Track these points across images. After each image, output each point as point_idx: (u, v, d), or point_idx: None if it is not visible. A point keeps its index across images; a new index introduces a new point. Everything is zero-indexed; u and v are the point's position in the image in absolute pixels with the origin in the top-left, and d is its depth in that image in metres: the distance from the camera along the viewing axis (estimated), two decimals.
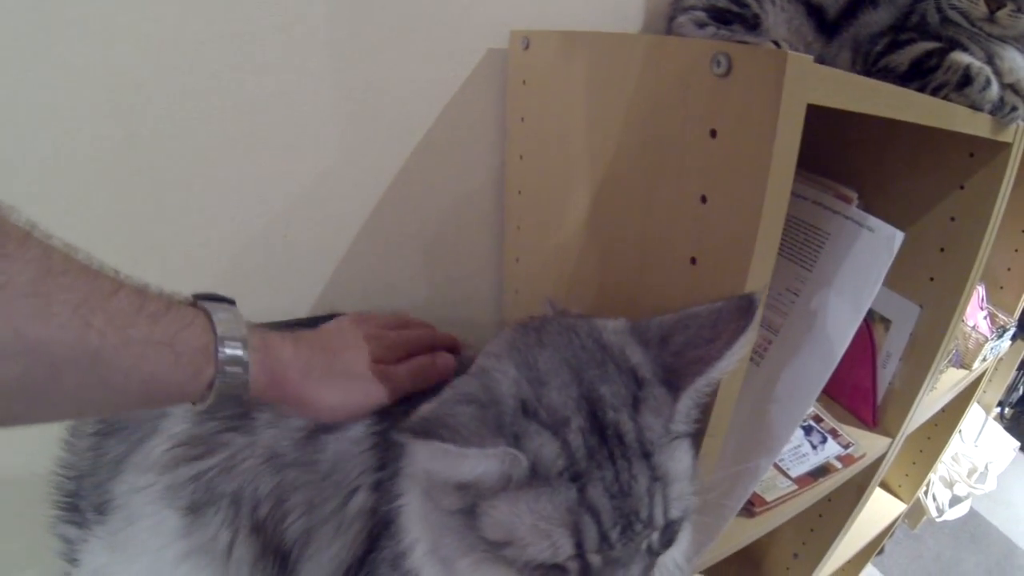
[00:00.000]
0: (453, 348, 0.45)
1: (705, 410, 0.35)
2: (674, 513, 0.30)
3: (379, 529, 0.35)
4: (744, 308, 0.31)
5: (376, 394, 0.37)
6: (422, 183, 0.58)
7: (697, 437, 0.35)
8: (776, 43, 0.47)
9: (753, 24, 0.50)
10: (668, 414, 0.30)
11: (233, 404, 0.38)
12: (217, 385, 0.29)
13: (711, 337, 0.31)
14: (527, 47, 0.52)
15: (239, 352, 0.30)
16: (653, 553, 0.30)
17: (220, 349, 0.29)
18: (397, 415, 0.38)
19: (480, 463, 0.27)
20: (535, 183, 0.57)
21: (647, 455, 0.29)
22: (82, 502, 0.40)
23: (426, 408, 0.29)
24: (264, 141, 0.49)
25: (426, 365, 0.40)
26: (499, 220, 0.64)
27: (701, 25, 0.50)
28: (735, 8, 0.51)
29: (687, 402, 0.31)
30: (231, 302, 0.32)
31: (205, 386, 0.29)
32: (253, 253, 0.53)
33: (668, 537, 0.31)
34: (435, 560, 0.32)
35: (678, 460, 0.31)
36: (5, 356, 0.23)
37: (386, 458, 0.36)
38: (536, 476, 0.28)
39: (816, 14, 0.53)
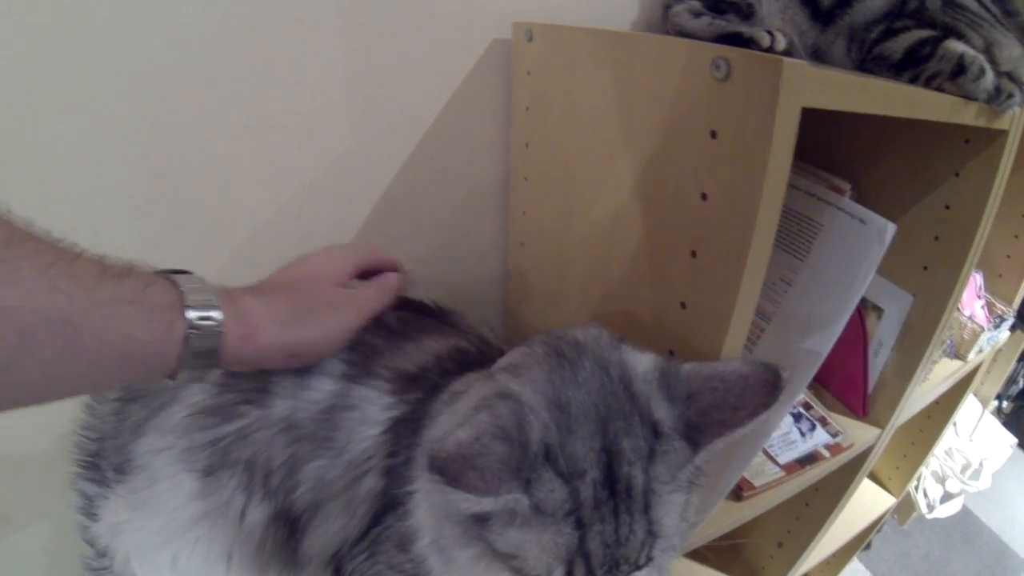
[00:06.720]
0: (395, 267, 0.45)
1: None
2: (657, 554, 0.32)
3: (385, 509, 0.36)
4: (771, 384, 0.32)
5: (350, 319, 0.36)
6: (430, 168, 0.59)
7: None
8: (770, 33, 0.47)
9: (747, 13, 0.51)
10: (681, 464, 0.32)
11: (249, 379, 0.39)
12: (192, 339, 0.28)
13: (736, 405, 0.33)
14: (530, 39, 0.53)
15: (209, 305, 0.29)
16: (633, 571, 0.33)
17: (188, 304, 0.29)
18: (413, 402, 0.38)
19: (489, 505, 0.29)
20: (540, 171, 0.58)
21: (647, 508, 0.31)
22: (102, 462, 0.42)
23: (462, 435, 0.29)
24: (279, 127, 0.51)
25: (384, 285, 0.40)
26: (504, 206, 0.65)
27: (696, 14, 0.51)
28: None
29: (703, 455, 0.33)
30: (187, 272, 0.31)
31: (179, 343, 0.28)
32: (267, 234, 0.55)
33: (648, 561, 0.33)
34: (436, 549, 0.34)
35: (673, 512, 0.32)
36: None
37: (399, 445, 0.37)
38: (541, 514, 0.30)
39: (810, 3, 0.53)
